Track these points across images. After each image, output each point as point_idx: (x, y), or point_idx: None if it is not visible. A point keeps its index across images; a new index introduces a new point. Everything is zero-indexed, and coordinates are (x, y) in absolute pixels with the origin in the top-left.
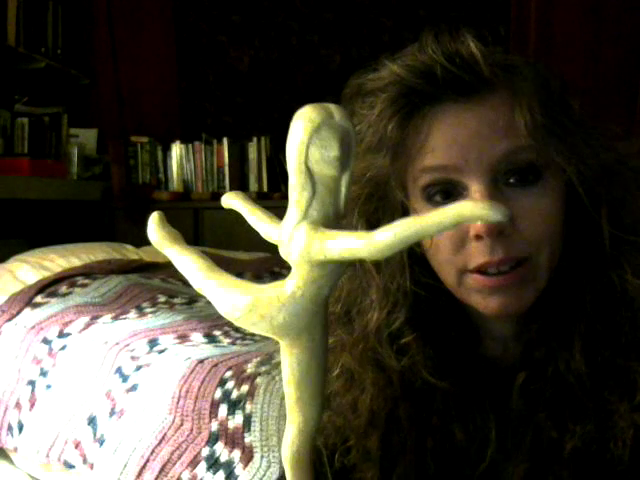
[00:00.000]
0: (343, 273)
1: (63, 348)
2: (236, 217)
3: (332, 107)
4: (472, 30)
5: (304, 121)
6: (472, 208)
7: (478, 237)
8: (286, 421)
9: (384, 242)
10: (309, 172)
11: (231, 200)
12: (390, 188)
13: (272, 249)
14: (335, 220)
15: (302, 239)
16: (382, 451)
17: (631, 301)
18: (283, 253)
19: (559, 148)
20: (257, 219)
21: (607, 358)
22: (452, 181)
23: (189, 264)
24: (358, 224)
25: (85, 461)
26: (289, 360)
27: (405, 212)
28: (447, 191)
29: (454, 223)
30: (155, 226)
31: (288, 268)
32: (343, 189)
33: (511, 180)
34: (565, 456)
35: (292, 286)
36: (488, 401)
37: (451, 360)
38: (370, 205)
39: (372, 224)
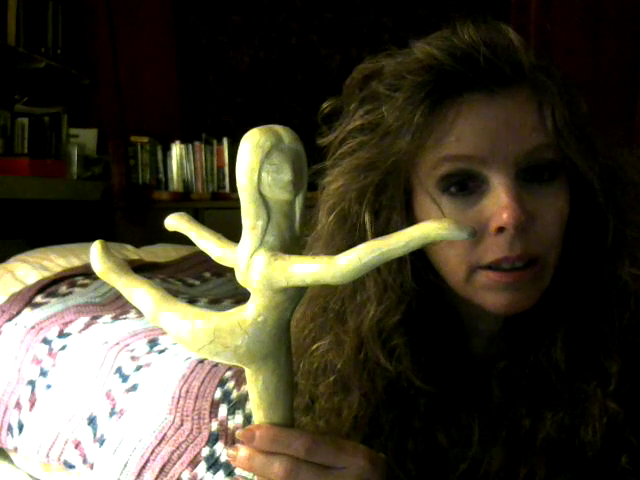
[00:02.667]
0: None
1: (63, 348)
2: (236, 217)
3: (281, 130)
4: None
5: (253, 147)
6: (438, 228)
7: (500, 230)
8: None
9: (348, 266)
10: (262, 198)
11: (175, 222)
12: (401, 177)
13: None
14: (291, 243)
15: (261, 266)
16: None
17: (624, 286)
18: (241, 280)
19: (578, 148)
20: (206, 241)
21: (586, 347)
22: (473, 172)
23: (141, 295)
24: (364, 217)
25: (85, 461)
26: (256, 386)
27: (408, 207)
28: (464, 183)
29: (420, 244)
30: (99, 257)
31: None
32: (297, 212)
33: (530, 177)
34: (538, 444)
35: (254, 312)
36: (473, 400)
37: (439, 363)
38: (378, 196)
39: (378, 217)
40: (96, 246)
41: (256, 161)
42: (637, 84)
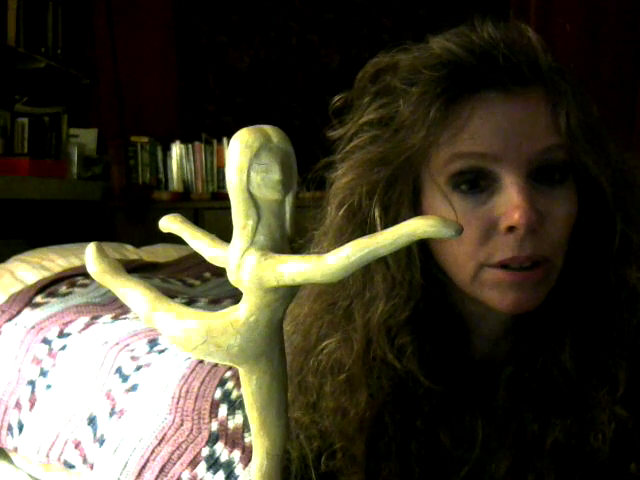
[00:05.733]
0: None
1: (63, 348)
2: None
3: (269, 129)
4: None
5: (242, 146)
6: (424, 225)
7: (510, 229)
8: (252, 445)
9: (337, 265)
10: (252, 197)
11: (169, 224)
12: (411, 173)
13: None
14: (282, 243)
15: (251, 266)
16: (367, 456)
17: (632, 291)
18: (232, 279)
19: (591, 150)
20: (200, 242)
21: (594, 352)
22: (485, 170)
23: (136, 296)
24: (374, 212)
25: (85, 461)
26: (250, 386)
27: (417, 203)
28: (476, 180)
29: (408, 241)
30: (94, 258)
31: None
32: (288, 211)
33: (541, 177)
34: (546, 450)
35: (245, 312)
36: (477, 402)
37: (444, 363)
38: (387, 191)
39: (388, 212)
40: (91, 248)
41: (245, 161)
42: (637, 84)
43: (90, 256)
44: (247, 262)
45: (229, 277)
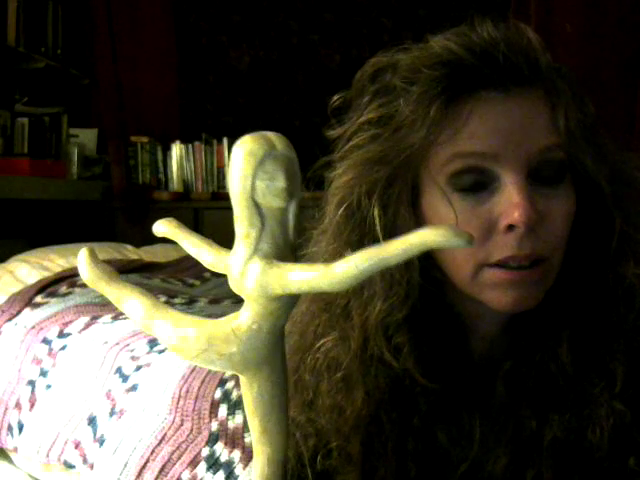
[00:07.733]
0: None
1: (63, 348)
2: None
3: (273, 137)
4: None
5: (246, 154)
6: (435, 235)
7: (510, 228)
8: (253, 452)
9: (345, 274)
10: (256, 205)
11: (164, 228)
12: (410, 172)
13: None
14: (286, 251)
15: (256, 274)
16: (363, 454)
17: (629, 287)
18: (234, 287)
19: (589, 149)
20: (196, 247)
21: (592, 348)
22: (485, 170)
23: (132, 303)
24: (373, 211)
25: (85, 461)
26: (251, 393)
27: (416, 201)
28: (474, 180)
29: (418, 251)
30: (86, 264)
31: None
32: (291, 218)
33: (540, 177)
34: (545, 446)
35: (248, 319)
36: (475, 399)
37: (441, 362)
38: (386, 190)
39: (386, 211)
40: (83, 253)
41: (249, 169)
42: (637, 84)
43: (83, 262)
44: (251, 270)
45: (231, 284)
